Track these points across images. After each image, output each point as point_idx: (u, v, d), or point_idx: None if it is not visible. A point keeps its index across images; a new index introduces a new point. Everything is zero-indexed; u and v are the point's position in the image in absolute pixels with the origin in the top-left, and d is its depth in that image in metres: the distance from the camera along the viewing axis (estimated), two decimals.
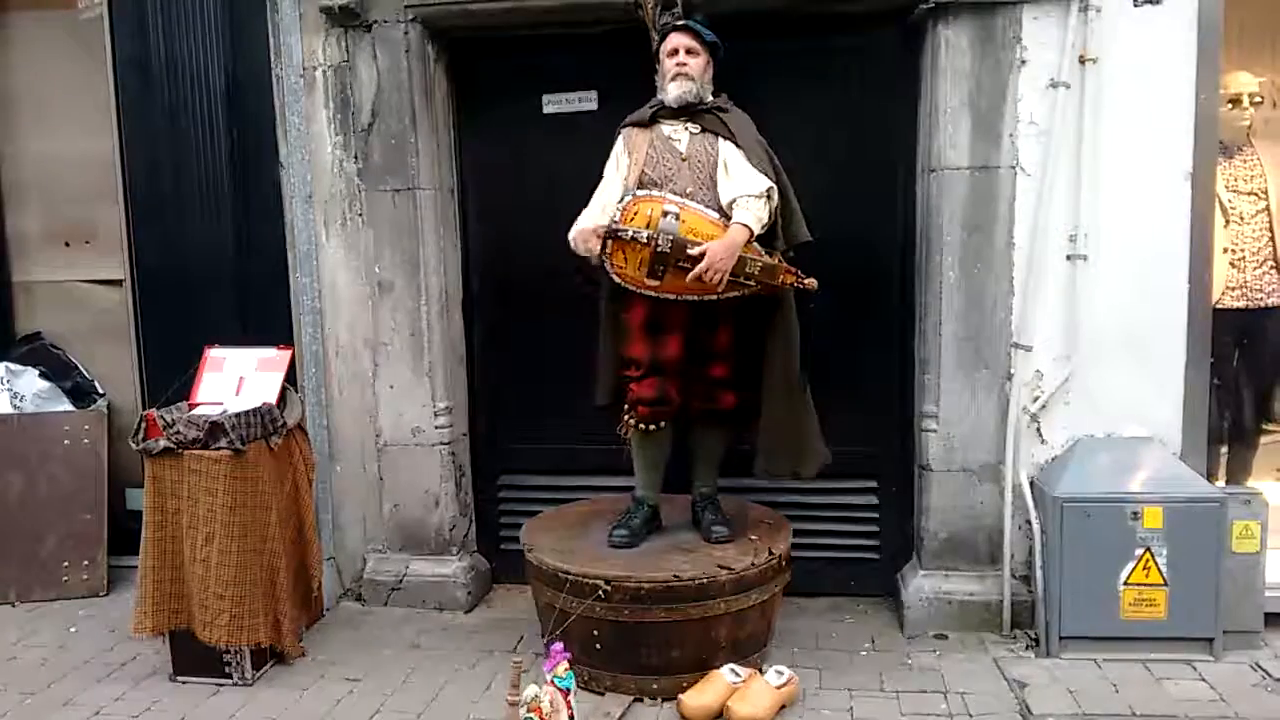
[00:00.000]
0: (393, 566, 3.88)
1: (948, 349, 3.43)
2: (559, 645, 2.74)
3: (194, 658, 3.22)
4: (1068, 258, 3.35)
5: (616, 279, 3.01)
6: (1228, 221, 3.79)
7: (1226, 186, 3.79)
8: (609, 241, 2.95)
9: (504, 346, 3.98)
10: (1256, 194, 3.82)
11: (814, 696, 3.06)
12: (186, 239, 3.94)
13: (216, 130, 3.86)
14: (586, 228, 3.03)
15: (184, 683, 3.25)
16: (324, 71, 3.72)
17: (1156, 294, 3.35)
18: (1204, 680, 3.08)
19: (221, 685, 3.21)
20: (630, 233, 2.91)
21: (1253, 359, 3.92)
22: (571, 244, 3.08)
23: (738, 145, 3.06)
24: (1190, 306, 3.35)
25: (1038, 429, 3.44)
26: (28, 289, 4.37)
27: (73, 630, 3.72)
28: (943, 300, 3.41)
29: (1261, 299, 3.82)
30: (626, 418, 3.26)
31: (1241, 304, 3.81)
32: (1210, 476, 3.51)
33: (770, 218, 3.03)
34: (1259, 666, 3.15)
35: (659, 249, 2.89)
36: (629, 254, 2.94)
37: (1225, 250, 3.77)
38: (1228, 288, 3.80)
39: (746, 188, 3.00)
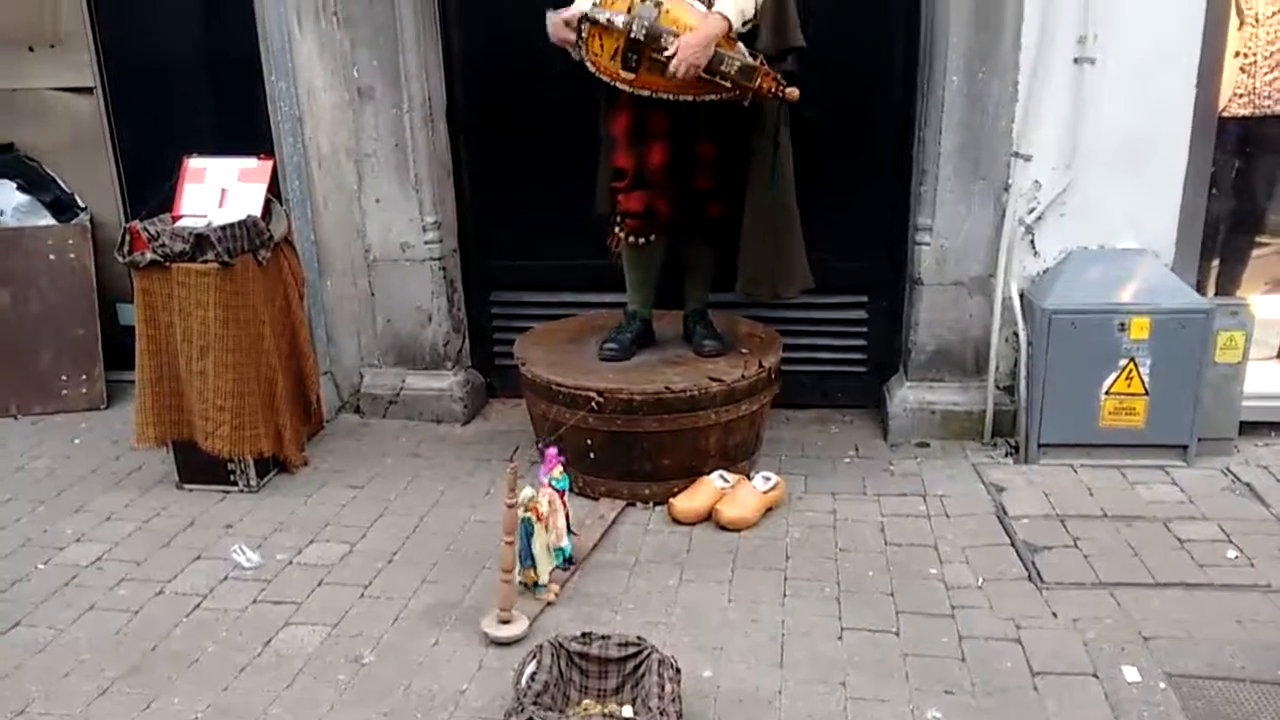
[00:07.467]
0: (389, 380, 3.93)
1: (946, 159, 3.34)
2: (553, 450, 2.80)
3: (199, 466, 3.30)
4: (1075, 61, 3.22)
5: (592, 69, 2.90)
6: (1242, 23, 3.62)
7: None
8: (585, 25, 2.82)
9: (492, 158, 3.87)
10: None
11: (799, 500, 3.18)
12: (155, 39, 3.76)
13: None
14: (558, 15, 2.87)
15: (190, 490, 3.34)
16: None
17: (1162, 101, 3.25)
18: (1176, 484, 3.20)
19: (228, 491, 3.31)
20: (605, 16, 2.78)
21: (1253, 169, 3.84)
22: (549, 34, 2.93)
23: None
24: (1195, 115, 3.26)
25: (1031, 241, 3.41)
26: None
27: (76, 442, 3.80)
28: (944, 106, 3.29)
29: (1269, 106, 3.69)
30: (616, 231, 3.23)
31: (1248, 111, 3.70)
32: (1200, 288, 3.52)
33: (755, 12, 2.90)
34: (1229, 471, 3.26)
35: (633, 35, 2.77)
36: (605, 41, 2.82)
37: (1236, 54, 3.62)
38: (1235, 94, 3.67)
39: None
